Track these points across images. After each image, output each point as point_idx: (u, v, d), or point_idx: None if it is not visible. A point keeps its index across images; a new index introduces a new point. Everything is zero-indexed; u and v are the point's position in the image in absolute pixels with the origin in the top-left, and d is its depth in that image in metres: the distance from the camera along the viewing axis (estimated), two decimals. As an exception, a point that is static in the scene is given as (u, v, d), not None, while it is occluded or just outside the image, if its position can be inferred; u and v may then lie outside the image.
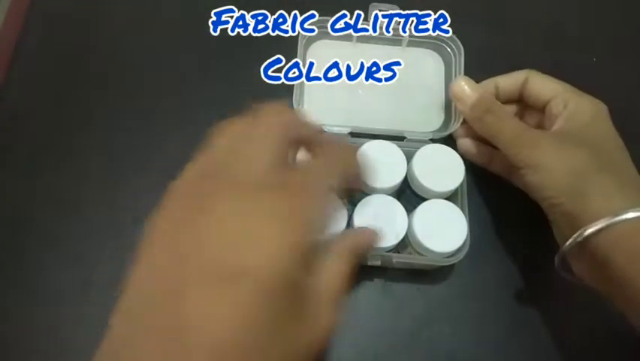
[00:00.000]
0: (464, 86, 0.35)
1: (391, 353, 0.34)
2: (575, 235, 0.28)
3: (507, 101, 0.38)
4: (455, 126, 0.37)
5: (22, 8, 0.47)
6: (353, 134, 0.37)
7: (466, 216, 0.33)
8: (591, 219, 0.28)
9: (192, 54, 0.46)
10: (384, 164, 0.34)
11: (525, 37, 0.49)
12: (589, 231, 0.28)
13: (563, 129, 0.33)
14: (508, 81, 0.37)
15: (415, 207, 0.33)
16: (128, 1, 0.49)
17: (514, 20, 0.50)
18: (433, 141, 0.37)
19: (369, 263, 0.34)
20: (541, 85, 0.35)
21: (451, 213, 0.33)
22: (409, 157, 0.35)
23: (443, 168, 0.34)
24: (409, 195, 0.36)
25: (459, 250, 0.33)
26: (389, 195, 0.34)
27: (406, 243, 0.34)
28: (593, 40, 0.49)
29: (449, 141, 0.38)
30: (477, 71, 0.41)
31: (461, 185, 0.34)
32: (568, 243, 0.29)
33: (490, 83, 0.37)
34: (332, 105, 0.39)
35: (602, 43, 0.49)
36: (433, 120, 0.40)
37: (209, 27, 0.47)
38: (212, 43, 0.46)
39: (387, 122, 0.38)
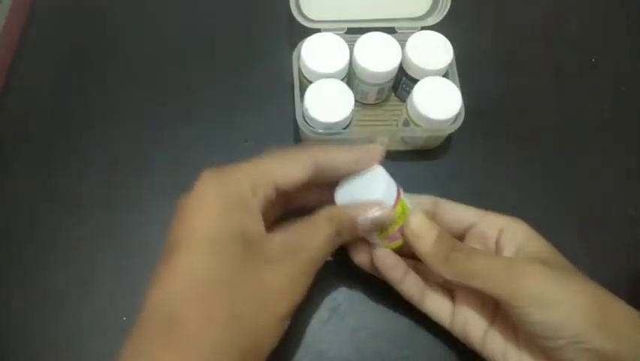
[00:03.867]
0: (423, 222, 0.30)
1: (391, 350, 0.35)
2: None
3: None
4: (444, 11, 0.41)
5: (23, 8, 0.46)
6: (349, 31, 0.41)
7: (458, 88, 0.38)
8: (631, 353, 0.25)
9: (192, 53, 0.45)
10: (380, 53, 0.39)
11: (522, 37, 0.47)
12: None
13: (531, 256, 0.30)
14: (413, 204, 0.32)
15: (412, 90, 0.38)
16: (129, 1, 0.46)
17: (511, 19, 0.48)
18: (422, 29, 0.41)
19: (378, 141, 0.37)
20: (455, 212, 0.33)
21: (446, 86, 0.38)
22: (402, 47, 0.40)
23: (434, 51, 0.39)
24: (405, 81, 0.41)
25: (456, 117, 0.38)
26: (387, 81, 0.41)
27: (408, 121, 0.39)
28: (592, 41, 0.47)
29: (436, 27, 0.41)
30: (471, 71, 0.41)
31: (451, 64, 0.40)
32: None
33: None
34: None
35: (601, 43, 0.47)
36: (421, 3, 0.43)
37: (209, 26, 0.46)
38: (212, 41, 0.45)
39: (378, 10, 0.42)
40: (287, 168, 0.28)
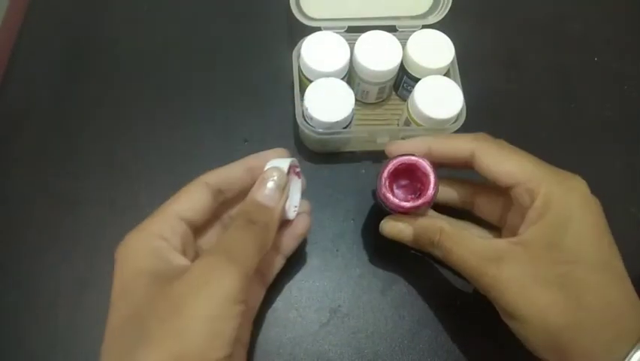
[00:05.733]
0: (395, 226, 0.31)
1: (391, 352, 0.35)
2: None
3: (450, 166, 0.32)
4: (445, 9, 0.41)
5: (21, 7, 0.45)
6: (349, 29, 0.41)
7: (460, 87, 0.38)
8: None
9: (192, 52, 0.45)
10: (381, 52, 0.39)
11: (524, 36, 0.47)
12: None
13: (531, 240, 0.27)
14: (447, 148, 0.31)
15: (413, 89, 0.38)
16: (129, 0, 0.47)
17: (513, 17, 0.48)
18: (423, 27, 0.41)
19: (378, 141, 0.38)
20: (495, 167, 0.28)
21: (447, 85, 0.38)
22: (403, 45, 0.40)
23: (435, 49, 0.39)
24: (406, 80, 0.41)
25: (458, 116, 0.37)
26: (388, 80, 0.40)
27: (409, 121, 0.38)
28: (594, 40, 0.47)
29: (437, 26, 0.41)
30: (472, 69, 0.41)
31: (452, 62, 0.39)
32: None
33: (420, 143, 0.31)
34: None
35: (604, 42, 0.47)
36: (423, 1, 0.43)
37: (208, 24, 0.46)
38: (211, 40, 0.45)
39: (379, 8, 0.42)
40: (186, 201, 0.28)
